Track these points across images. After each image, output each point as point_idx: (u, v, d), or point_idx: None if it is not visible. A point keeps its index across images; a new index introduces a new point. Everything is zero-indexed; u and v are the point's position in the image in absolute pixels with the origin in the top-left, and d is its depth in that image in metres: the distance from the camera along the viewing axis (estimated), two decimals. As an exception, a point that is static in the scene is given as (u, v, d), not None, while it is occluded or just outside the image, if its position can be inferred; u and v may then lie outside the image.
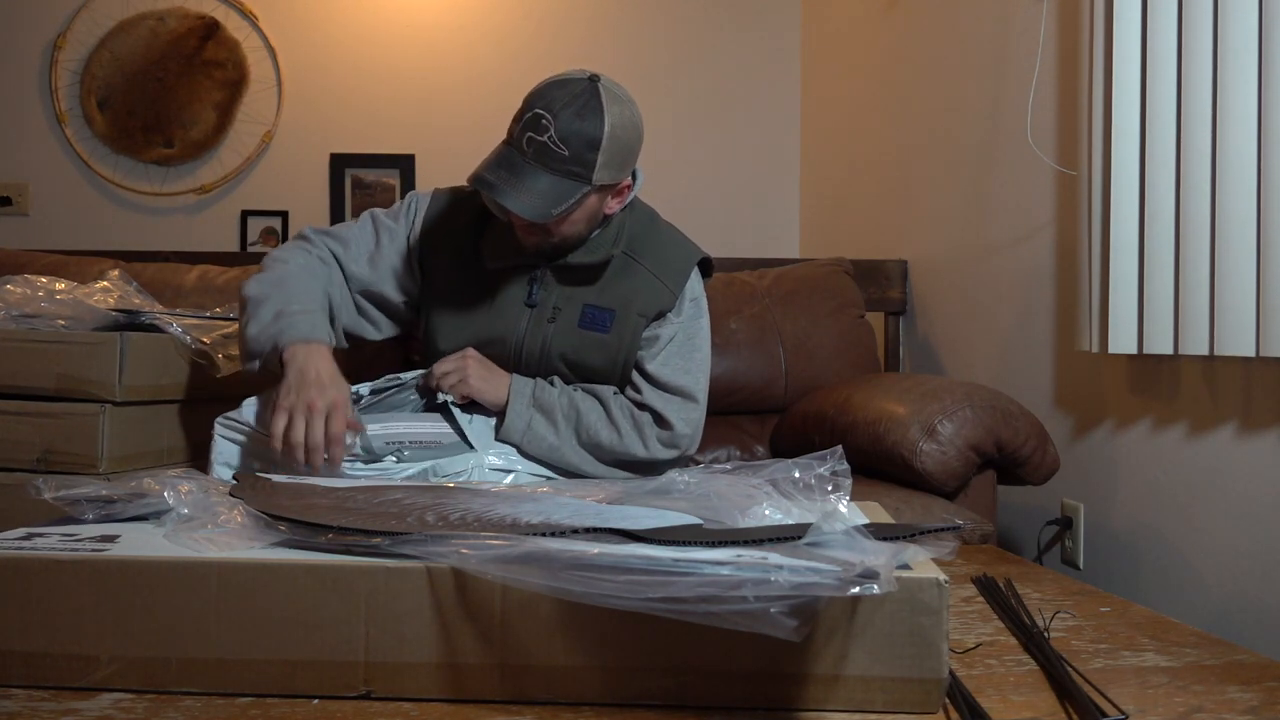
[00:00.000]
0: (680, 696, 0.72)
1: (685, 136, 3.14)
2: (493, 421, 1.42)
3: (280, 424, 1.22)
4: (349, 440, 1.26)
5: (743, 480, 0.90)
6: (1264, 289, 1.41)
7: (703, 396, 1.49)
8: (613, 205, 1.42)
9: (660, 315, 1.47)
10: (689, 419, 1.46)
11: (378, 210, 1.52)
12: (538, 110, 1.28)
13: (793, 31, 3.22)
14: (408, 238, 1.49)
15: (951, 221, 2.37)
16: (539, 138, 1.28)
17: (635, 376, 1.47)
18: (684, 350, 1.48)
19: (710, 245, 1.64)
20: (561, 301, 1.45)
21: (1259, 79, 1.42)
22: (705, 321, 1.52)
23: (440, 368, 1.41)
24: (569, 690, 0.73)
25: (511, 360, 1.46)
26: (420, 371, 1.45)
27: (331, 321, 1.41)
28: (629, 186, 1.44)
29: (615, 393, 1.47)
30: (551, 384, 1.45)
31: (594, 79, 1.32)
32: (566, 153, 1.27)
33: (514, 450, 1.40)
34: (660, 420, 1.44)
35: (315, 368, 1.27)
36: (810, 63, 3.17)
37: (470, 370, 1.40)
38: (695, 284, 1.52)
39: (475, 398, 1.40)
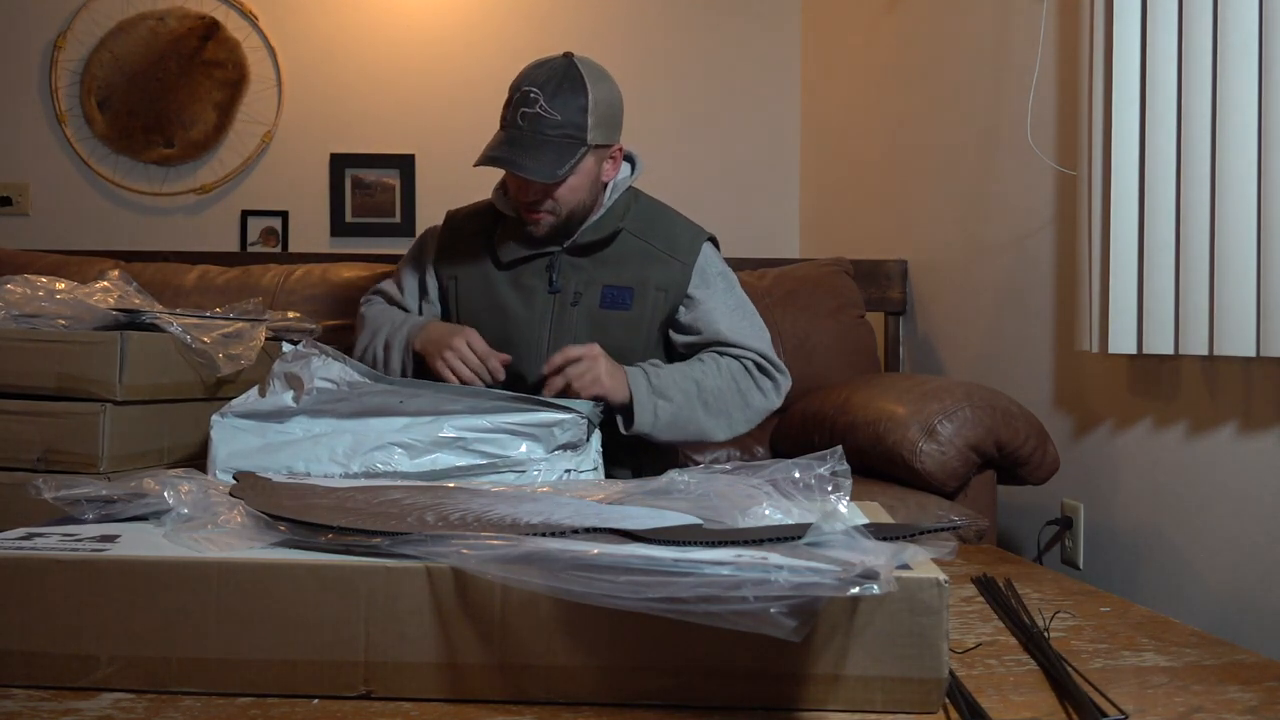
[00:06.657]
0: (680, 696, 0.72)
1: (685, 136, 3.14)
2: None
3: (445, 372, 1.41)
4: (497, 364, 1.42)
5: (743, 480, 0.90)
6: (1264, 289, 1.41)
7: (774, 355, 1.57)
8: (609, 171, 1.51)
9: (682, 293, 1.53)
10: (780, 366, 1.56)
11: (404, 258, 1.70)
12: (524, 89, 1.41)
13: (793, 31, 3.21)
14: (422, 267, 1.62)
15: (951, 221, 2.37)
16: (531, 110, 1.39)
17: (715, 344, 1.53)
18: (739, 314, 1.55)
19: (710, 245, 1.64)
20: (581, 286, 1.51)
21: (1259, 79, 1.43)
22: (740, 290, 1.60)
23: (573, 364, 1.38)
24: (569, 690, 0.73)
25: (541, 348, 1.49)
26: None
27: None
28: (620, 151, 1.53)
29: (720, 354, 1.51)
30: (657, 365, 1.49)
31: (568, 55, 1.44)
32: (560, 118, 1.39)
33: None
34: (761, 367, 1.53)
35: (434, 329, 1.48)
36: (810, 63, 3.17)
37: (602, 369, 1.39)
38: (713, 260, 1.58)
39: (603, 395, 1.39)
